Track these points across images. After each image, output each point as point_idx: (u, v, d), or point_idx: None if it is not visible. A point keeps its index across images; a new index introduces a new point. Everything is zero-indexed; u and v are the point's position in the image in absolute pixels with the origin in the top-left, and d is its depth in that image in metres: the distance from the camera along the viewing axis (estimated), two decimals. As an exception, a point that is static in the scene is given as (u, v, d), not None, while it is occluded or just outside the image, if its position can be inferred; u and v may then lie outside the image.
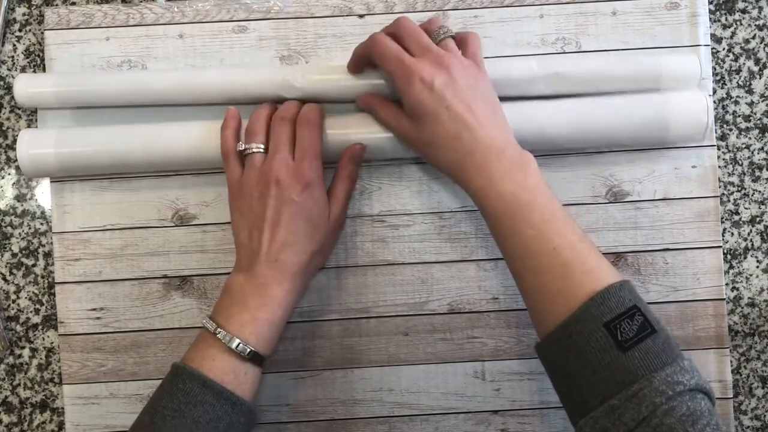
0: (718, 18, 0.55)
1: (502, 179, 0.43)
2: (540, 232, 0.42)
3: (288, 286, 0.46)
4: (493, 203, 0.43)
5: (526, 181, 0.43)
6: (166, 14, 0.53)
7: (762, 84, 0.55)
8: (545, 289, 0.41)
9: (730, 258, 0.54)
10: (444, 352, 0.53)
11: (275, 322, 0.45)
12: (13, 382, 0.54)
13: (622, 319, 0.39)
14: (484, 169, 0.44)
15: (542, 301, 0.42)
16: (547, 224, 0.42)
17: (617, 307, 0.39)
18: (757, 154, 0.55)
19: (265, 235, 0.46)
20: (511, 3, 0.53)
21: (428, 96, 0.44)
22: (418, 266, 0.53)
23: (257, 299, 0.45)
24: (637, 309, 0.39)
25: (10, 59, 0.54)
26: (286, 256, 0.46)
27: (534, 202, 0.43)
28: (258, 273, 0.46)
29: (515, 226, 0.42)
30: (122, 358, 0.53)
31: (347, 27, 0.53)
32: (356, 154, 0.49)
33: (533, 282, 0.42)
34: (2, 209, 0.54)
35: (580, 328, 0.39)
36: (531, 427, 0.53)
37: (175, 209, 0.53)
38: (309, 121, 0.47)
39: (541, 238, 0.42)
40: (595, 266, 0.41)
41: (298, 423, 0.53)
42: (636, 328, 0.38)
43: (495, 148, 0.44)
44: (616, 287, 0.40)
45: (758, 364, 0.55)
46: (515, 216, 0.42)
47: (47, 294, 0.54)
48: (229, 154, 0.48)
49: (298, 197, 0.46)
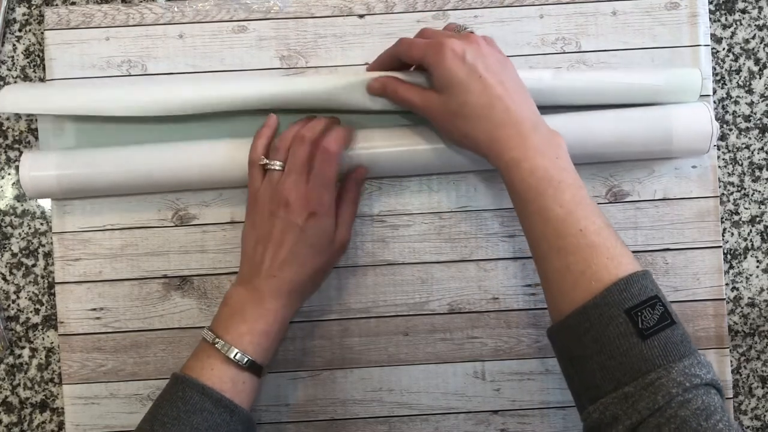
0: (718, 18, 0.55)
1: (536, 154, 0.43)
2: (569, 212, 0.41)
3: (285, 301, 0.47)
4: (525, 177, 0.43)
5: (557, 161, 0.43)
6: (166, 14, 0.53)
7: (762, 84, 0.55)
8: (568, 270, 0.41)
9: (730, 258, 0.54)
10: (444, 352, 0.53)
11: (272, 334, 0.46)
12: (13, 382, 0.54)
13: (643, 307, 0.38)
14: (519, 141, 0.43)
15: (563, 282, 0.41)
16: (576, 205, 0.42)
17: (639, 295, 0.39)
18: (757, 154, 0.55)
19: (269, 252, 0.46)
20: (511, 3, 0.53)
21: (460, 65, 0.44)
22: (418, 266, 0.53)
23: (255, 311, 0.46)
24: (658, 299, 0.39)
25: (10, 59, 0.54)
26: (286, 274, 0.46)
27: (564, 181, 0.42)
28: (257, 287, 0.46)
29: (544, 203, 0.42)
30: (122, 358, 0.53)
31: (347, 27, 0.53)
32: (360, 178, 0.50)
33: (557, 262, 0.42)
34: (2, 209, 0.54)
35: (600, 312, 0.39)
36: (531, 427, 0.53)
37: (175, 209, 0.53)
38: (327, 151, 0.47)
39: (569, 219, 0.41)
40: (619, 253, 0.41)
41: (298, 423, 0.53)
42: (657, 318, 0.38)
43: (528, 122, 0.44)
44: (639, 275, 0.40)
45: (758, 364, 0.55)
46: (545, 193, 0.42)
47: (47, 294, 0.54)
48: (254, 164, 0.48)
49: (303, 224, 0.46)
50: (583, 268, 0.40)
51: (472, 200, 0.53)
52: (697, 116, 0.49)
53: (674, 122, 0.49)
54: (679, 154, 0.51)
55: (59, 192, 0.50)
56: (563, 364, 0.43)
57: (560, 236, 0.41)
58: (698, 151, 0.50)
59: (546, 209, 0.42)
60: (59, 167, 0.49)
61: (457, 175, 0.53)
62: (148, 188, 0.51)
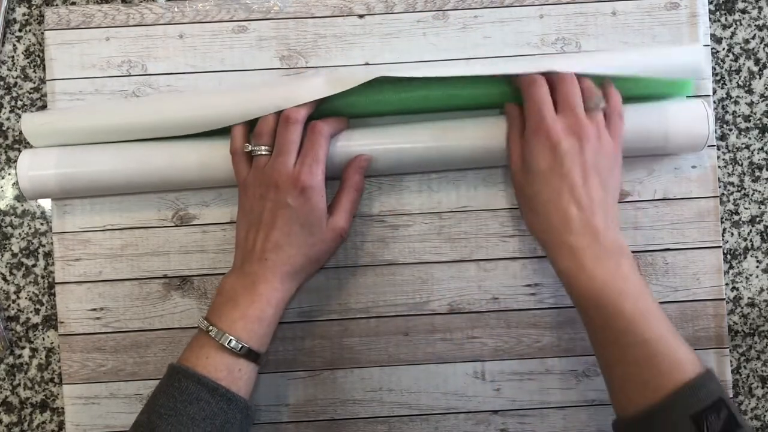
0: (718, 18, 0.55)
1: (594, 265, 0.42)
2: (630, 323, 0.41)
3: (277, 285, 0.46)
4: (582, 289, 0.42)
5: (618, 270, 0.42)
6: (166, 14, 0.53)
7: (762, 84, 0.55)
8: (632, 379, 0.41)
9: (730, 258, 0.54)
10: (444, 352, 0.53)
11: (266, 319, 0.46)
12: (13, 382, 0.54)
13: (709, 412, 0.38)
14: (576, 250, 0.43)
15: (627, 390, 0.42)
16: (639, 316, 0.41)
17: (705, 399, 0.38)
18: (757, 154, 0.55)
19: (260, 236, 0.46)
20: (511, 3, 0.53)
21: (548, 154, 0.43)
22: (418, 266, 0.53)
23: (247, 297, 0.45)
24: (723, 402, 0.38)
25: (10, 59, 0.54)
26: (277, 256, 0.46)
27: (625, 292, 0.42)
28: (248, 271, 0.46)
29: (604, 315, 0.42)
30: (122, 358, 0.53)
31: (347, 27, 0.53)
32: (362, 164, 0.49)
33: (619, 371, 0.42)
34: (2, 209, 0.54)
35: (664, 418, 0.39)
36: (531, 427, 0.53)
37: (175, 209, 0.53)
38: (317, 128, 0.47)
39: (630, 330, 0.41)
40: (683, 358, 0.40)
41: (298, 423, 0.53)
42: (722, 423, 0.38)
43: (592, 230, 0.43)
44: (705, 378, 0.39)
45: (758, 364, 0.55)
46: (605, 305, 0.42)
47: (47, 294, 0.54)
48: (237, 153, 0.48)
49: (294, 202, 0.45)
50: (647, 378, 0.40)
51: (472, 200, 0.53)
52: (694, 113, 0.49)
53: (671, 120, 0.49)
54: (676, 151, 0.51)
55: (59, 191, 0.50)
56: None
57: (622, 347, 0.41)
58: (695, 148, 0.50)
59: (605, 322, 0.42)
60: (59, 166, 0.49)
61: (457, 174, 0.53)
62: (148, 187, 0.51)
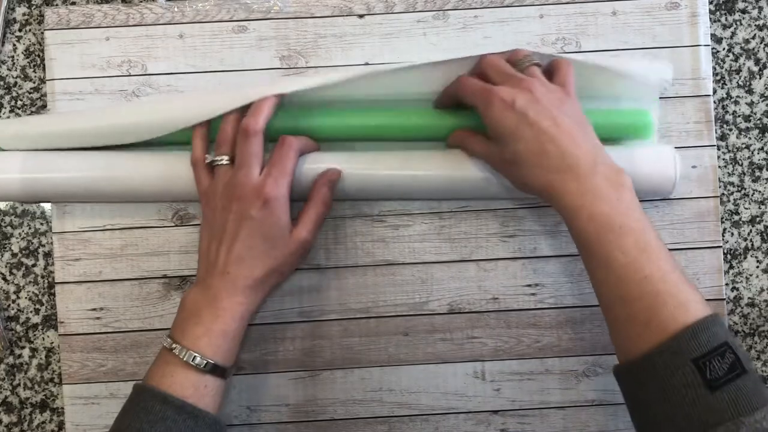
0: (718, 18, 0.55)
1: (594, 198, 0.41)
2: (632, 259, 0.40)
3: (240, 298, 0.46)
4: (584, 225, 0.41)
5: (620, 202, 0.41)
6: (166, 14, 0.53)
7: (762, 84, 0.55)
8: (633, 319, 0.40)
9: (730, 258, 0.54)
10: (444, 352, 0.53)
11: (230, 333, 0.45)
12: (13, 382, 0.54)
13: (712, 356, 0.37)
14: (575, 186, 0.42)
15: (628, 331, 0.41)
16: (639, 251, 0.40)
17: (708, 343, 0.37)
18: (757, 154, 0.55)
19: (223, 248, 0.46)
20: (511, 3, 0.53)
21: (509, 114, 0.43)
22: (418, 266, 0.53)
23: (210, 312, 0.45)
24: (728, 346, 0.37)
25: (10, 59, 0.54)
26: (239, 269, 0.45)
27: (627, 226, 0.41)
28: (210, 285, 0.46)
29: (606, 251, 0.41)
30: (122, 358, 0.53)
31: (347, 27, 0.53)
32: (332, 178, 0.48)
33: (621, 311, 0.41)
34: (2, 209, 0.54)
35: (665, 360, 0.38)
36: (531, 427, 0.53)
37: (175, 209, 0.53)
38: (287, 142, 0.47)
39: (632, 266, 0.40)
40: (686, 299, 0.39)
41: (298, 423, 0.53)
42: (726, 367, 0.37)
43: (585, 163, 0.42)
44: (708, 322, 0.38)
45: (758, 364, 0.55)
46: (606, 240, 0.41)
47: (47, 294, 0.54)
48: (198, 164, 0.48)
49: (257, 213, 0.45)
50: (649, 318, 0.39)
51: (472, 200, 0.53)
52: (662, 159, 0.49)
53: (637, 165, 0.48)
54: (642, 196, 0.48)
55: (23, 196, 0.50)
56: (627, 403, 0.42)
57: (623, 284, 0.40)
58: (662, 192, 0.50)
59: (607, 257, 0.41)
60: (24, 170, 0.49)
61: (457, 175, 0.53)
62: (120, 197, 0.51)
